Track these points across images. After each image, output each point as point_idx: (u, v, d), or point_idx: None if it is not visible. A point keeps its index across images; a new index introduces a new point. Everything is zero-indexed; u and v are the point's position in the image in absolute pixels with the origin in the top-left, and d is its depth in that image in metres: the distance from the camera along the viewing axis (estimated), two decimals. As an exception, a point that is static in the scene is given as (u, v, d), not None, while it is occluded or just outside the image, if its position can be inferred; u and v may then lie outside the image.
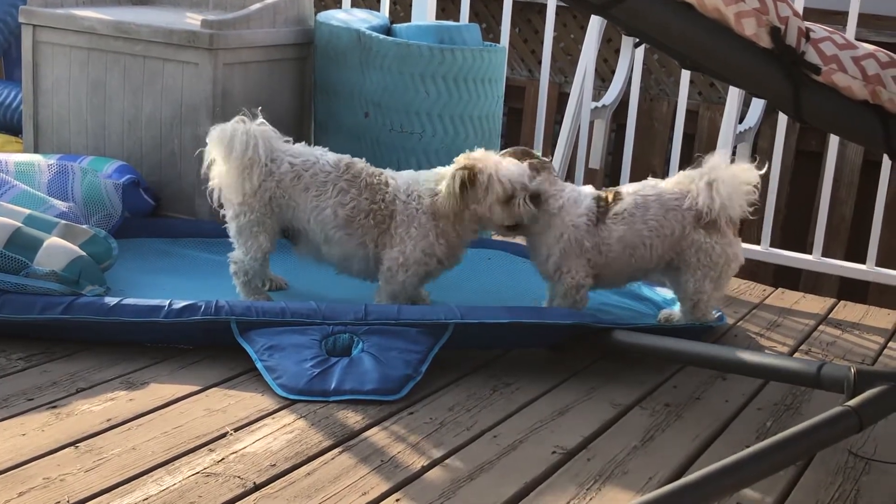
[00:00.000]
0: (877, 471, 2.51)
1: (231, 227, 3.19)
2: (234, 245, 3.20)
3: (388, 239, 3.11)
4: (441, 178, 3.07)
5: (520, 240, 3.54)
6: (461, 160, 3.04)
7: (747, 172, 3.02)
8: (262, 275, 3.26)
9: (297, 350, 2.78)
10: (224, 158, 3.08)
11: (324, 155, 3.17)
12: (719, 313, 3.31)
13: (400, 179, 3.15)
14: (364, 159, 3.22)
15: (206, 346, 2.90)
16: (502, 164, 3.02)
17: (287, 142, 3.18)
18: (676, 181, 3.10)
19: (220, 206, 3.19)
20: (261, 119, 3.13)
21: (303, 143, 3.24)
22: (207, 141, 3.10)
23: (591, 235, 3.04)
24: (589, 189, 3.15)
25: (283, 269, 3.38)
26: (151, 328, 2.86)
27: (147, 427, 2.47)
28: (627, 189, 3.12)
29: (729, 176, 2.99)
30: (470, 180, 2.99)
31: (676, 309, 3.24)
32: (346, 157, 3.18)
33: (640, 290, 3.48)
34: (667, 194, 3.06)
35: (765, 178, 3.11)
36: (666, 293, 3.40)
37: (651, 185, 3.11)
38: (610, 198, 3.08)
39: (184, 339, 2.89)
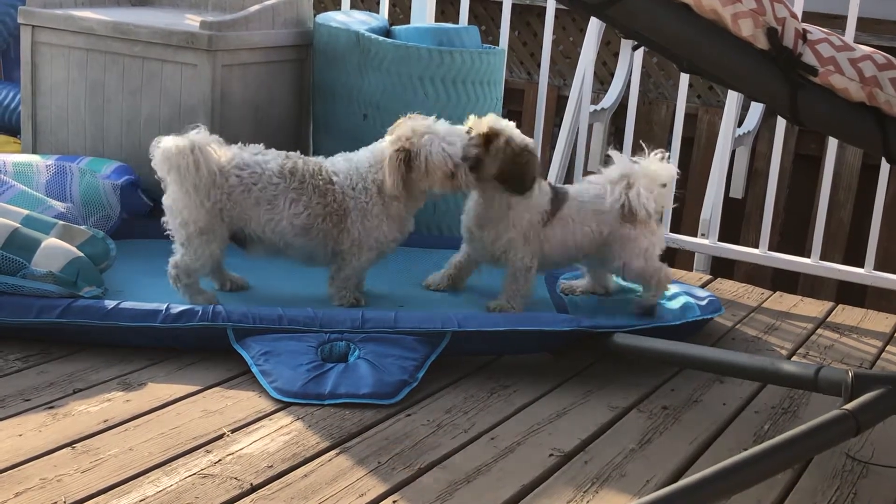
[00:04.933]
0: (874, 474, 2.51)
1: (179, 234, 3.10)
2: (179, 251, 3.11)
3: (345, 235, 3.15)
4: (379, 162, 3.12)
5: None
6: (395, 138, 3.10)
7: (664, 171, 3.26)
8: (218, 278, 3.28)
9: (292, 356, 2.78)
10: (175, 181, 3.03)
11: (268, 163, 3.10)
12: (715, 299, 3.34)
13: (341, 173, 3.15)
14: (298, 153, 3.22)
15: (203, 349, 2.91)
16: (437, 139, 3.06)
17: (242, 147, 3.13)
18: (597, 184, 3.30)
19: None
20: (199, 129, 3.04)
21: (248, 147, 3.16)
22: (152, 159, 3.02)
23: (538, 232, 3.22)
24: (547, 187, 3.27)
25: (241, 268, 3.35)
26: (148, 333, 2.86)
27: (144, 428, 2.47)
28: (571, 191, 3.32)
29: (646, 179, 3.23)
30: (407, 163, 3.06)
31: (579, 281, 3.49)
32: (288, 160, 3.13)
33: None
34: (599, 199, 3.26)
35: (763, 182, 3.16)
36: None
37: (585, 188, 3.32)
38: (561, 197, 3.26)
39: (180, 343, 2.89)
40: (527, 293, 3.25)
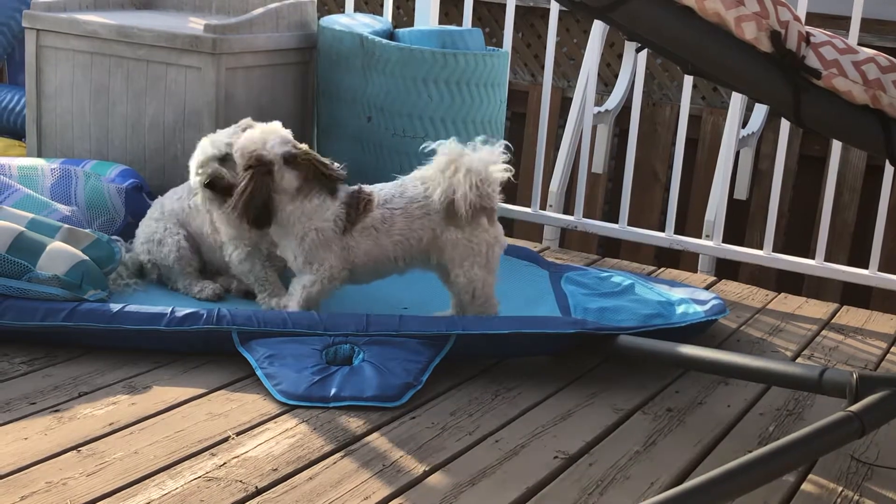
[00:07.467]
0: (879, 476, 2.51)
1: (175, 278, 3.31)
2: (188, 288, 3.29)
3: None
4: None
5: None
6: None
7: (493, 158, 2.96)
8: (224, 281, 3.35)
9: (297, 359, 2.78)
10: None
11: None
12: (719, 301, 3.32)
13: None
14: None
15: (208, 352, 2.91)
16: (251, 131, 3.07)
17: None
18: (424, 178, 3.02)
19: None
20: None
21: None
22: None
23: (337, 240, 3.00)
24: (344, 194, 3.02)
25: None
26: (153, 336, 2.86)
27: (149, 431, 2.47)
28: (380, 197, 3.02)
29: (476, 167, 2.93)
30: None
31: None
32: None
33: (648, 293, 3.47)
34: (413, 204, 3.00)
35: (767, 183, 3.14)
36: (672, 293, 3.41)
37: (400, 192, 3.02)
38: (362, 207, 3.00)
39: (185, 346, 2.89)
40: (314, 301, 3.03)
